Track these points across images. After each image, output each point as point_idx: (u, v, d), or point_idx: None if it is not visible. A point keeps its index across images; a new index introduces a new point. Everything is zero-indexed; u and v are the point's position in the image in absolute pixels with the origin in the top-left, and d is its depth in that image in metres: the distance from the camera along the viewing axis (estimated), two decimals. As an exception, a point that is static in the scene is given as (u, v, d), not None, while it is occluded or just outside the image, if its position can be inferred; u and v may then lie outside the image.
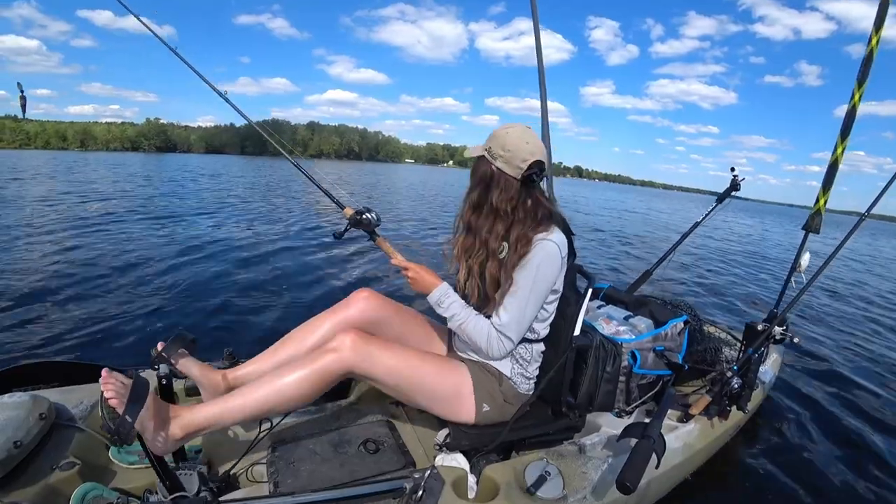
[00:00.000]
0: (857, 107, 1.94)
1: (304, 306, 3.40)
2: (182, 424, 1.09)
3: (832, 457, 2.09)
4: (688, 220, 3.48)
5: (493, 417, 1.32)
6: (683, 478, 1.64)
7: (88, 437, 1.23)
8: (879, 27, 1.87)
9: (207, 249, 4.80)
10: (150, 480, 1.18)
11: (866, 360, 3.52)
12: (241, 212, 7.96)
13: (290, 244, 5.46)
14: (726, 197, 2.42)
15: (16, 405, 1.13)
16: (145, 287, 3.50)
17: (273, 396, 1.16)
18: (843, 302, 5.57)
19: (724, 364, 1.86)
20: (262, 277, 4.00)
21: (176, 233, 5.57)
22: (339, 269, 4.54)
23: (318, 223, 7.26)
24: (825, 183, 1.97)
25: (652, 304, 1.81)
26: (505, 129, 1.24)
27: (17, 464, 1.03)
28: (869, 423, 2.46)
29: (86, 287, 3.37)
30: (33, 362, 1.46)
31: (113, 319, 2.85)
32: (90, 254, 4.31)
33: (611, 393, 1.56)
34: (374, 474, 1.27)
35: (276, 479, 1.23)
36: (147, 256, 4.35)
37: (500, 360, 1.31)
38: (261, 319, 3.08)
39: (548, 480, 1.16)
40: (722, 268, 6.88)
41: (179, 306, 3.17)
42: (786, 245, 12.03)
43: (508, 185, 1.23)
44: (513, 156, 1.21)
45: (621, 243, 8.55)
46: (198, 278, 3.82)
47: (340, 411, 1.59)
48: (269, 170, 24.86)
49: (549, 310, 1.33)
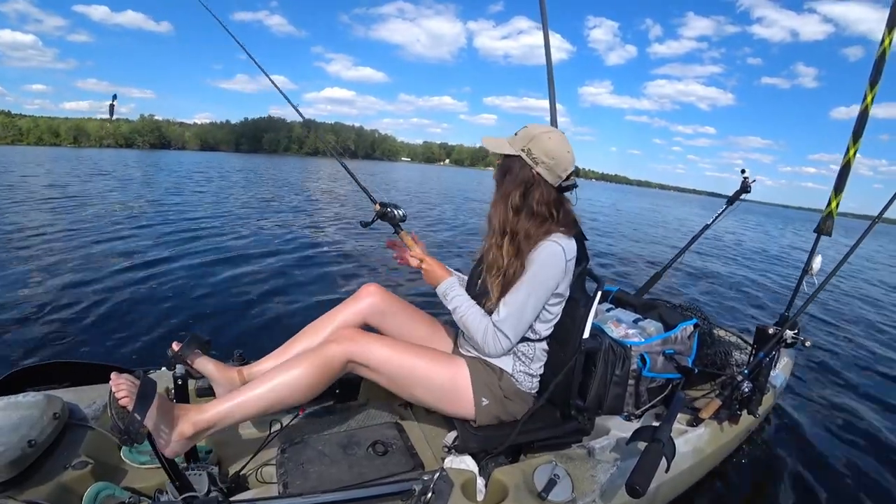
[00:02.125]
0: (869, 108, 1.92)
1: (316, 302, 3.45)
2: (192, 422, 1.10)
3: (844, 462, 2.06)
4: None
5: (494, 413, 1.32)
6: (693, 482, 1.63)
7: (101, 436, 1.24)
8: (893, 27, 1.85)
9: (217, 250, 4.84)
10: (162, 480, 1.19)
11: (879, 364, 3.48)
12: (250, 210, 8.02)
13: (301, 243, 5.50)
14: (736, 199, 2.40)
15: (30, 405, 1.15)
16: (157, 288, 3.53)
17: (281, 389, 1.17)
18: (856, 305, 5.51)
19: (735, 368, 1.85)
20: (273, 275, 4.03)
21: (179, 235, 5.61)
22: (350, 266, 4.60)
23: (327, 223, 7.31)
24: (837, 185, 1.94)
25: (661, 307, 1.80)
26: (546, 134, 1.23)
27: (31, 462, 1.05)
28: (882, 429, 2.43)
29: (99, 287, 3.41)
30: (46, 362, 1.48)
31: (125, 320, 2.88)
32: (103, 254, 4.36)
33: (620, 396, 1.55)
34: (382, 476, 1.28)
35: (285, 479, 1.24)
36: (156, 257, 4.38)
37: (498, 357, 1.32)
38: (272, 318, 3.10)
39: (557, 483, 1.16)
40: (730, 271, 6.82)
41: (190, 307, 3.19)
42: (787, 244, 11.95)
43: (548, 192, 1.24)
44: (556, 164, 1.22)
45: (630, 244, 8.51)
46: (207, 279, 3.84)
47: (349, 413, 1.60)
48: (269, 167, 24.82)
49: (553, 311, 1.33)
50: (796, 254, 10.29)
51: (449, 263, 1.43)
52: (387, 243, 1.51)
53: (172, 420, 1.08)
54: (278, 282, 3.94)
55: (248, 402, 1.15)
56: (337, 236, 6.22)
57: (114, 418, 0.95)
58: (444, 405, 1.33)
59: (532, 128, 1.26)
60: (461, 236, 7.34)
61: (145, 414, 0.95)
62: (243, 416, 1.17)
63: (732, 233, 13.33)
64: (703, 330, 1.80)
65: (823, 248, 1.93)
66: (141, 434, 0.94)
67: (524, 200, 1.25)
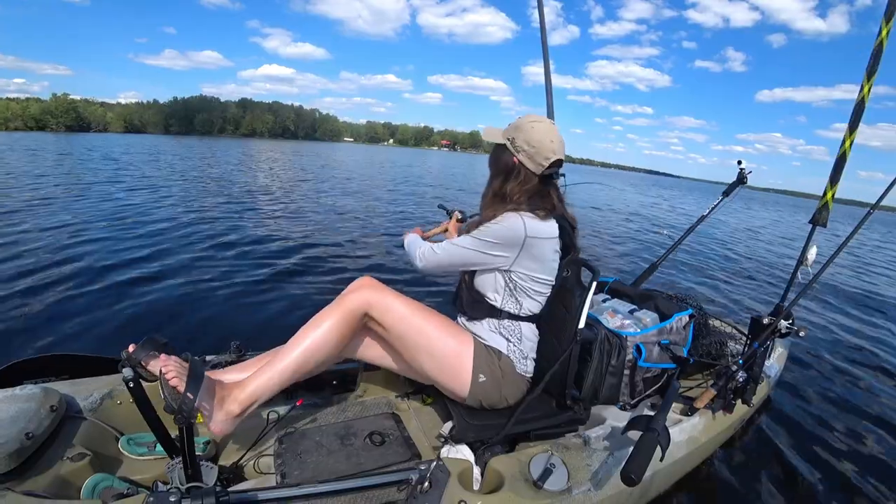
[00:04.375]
0: (866, 99, 1.91)
1: (309, 295, 3.43)
2: (238, 400, 1.13)
3: (836, 451, 2.09)
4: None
5: (489, 392, 1.34)
6: (688, 470, 1.65)
7: (99, 428, 1.25)
8: (891, 17, 1.84)
9: (211, 238, 4.82)
10: (160, 471, 1.20)
11: (874, 354, 3.50)
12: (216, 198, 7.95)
13: (284, 234, 5.48)
14: (732, 190, 2.40)
15: (27, 397, 1.15)
16: (157, 280, 3.51)
17: (311, 347, 1.21)
18: (851, 296, 5.54)
19: (730, 358, 1.86)
20: (266, 267, 4.02)
21: (172, 223, 5.58)
22: (342, 260, 4.56)
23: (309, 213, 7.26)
24: (833, 176, 1.95)
25: (657, 297, 1.81)
26: (530, 123, 1.28)
27: (29, 455, 1.05)
28: (874, 418, 2.46)
29: (98, 279, 3.39)
30: (44, 355, 1.48)
31: (125, 312, 2.87)
32: (102, 245, 4.33)
33: (615, 386, 1.57)
34: (379, 466, 1.29)
35: (283, 470, 1.25)
36: (154, 248, 4.37)
37: (419, 268, 1.42)
38: (266, 312, 3.10)
39: (553, 472, 1.17)
40: (727, 264, 6.84)
41: (189, 300, 3.19)
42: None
43: (528, 179, 1.30)
44: (536, 152, 1.26)
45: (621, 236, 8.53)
46: (207, 271, 3.83)
47: (346, 404, 1.61)
48: (209, 150, 23.40)
49: (533, 289, 1.34)
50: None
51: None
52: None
53: (220, 400, 1.12)
54: (268, 275, 3.93)
55: (284, 367, 1.19)
56: (326, 229, 6.17)
57: (167, 398, 0.96)
58: (442, 377, 1.34)
59: (523, 118, 1.32)
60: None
61: (197, 392, 0.97)
62: (281, 383, 1.20)
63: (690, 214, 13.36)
64: (699, 320, 1.81)
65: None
66: (194, 413, 0.96)
67: (504, 184, 1.31)
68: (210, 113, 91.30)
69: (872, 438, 2.25)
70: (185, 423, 0.93)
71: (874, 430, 2.32)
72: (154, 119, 77.76)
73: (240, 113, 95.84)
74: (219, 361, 1.47)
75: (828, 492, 1.81)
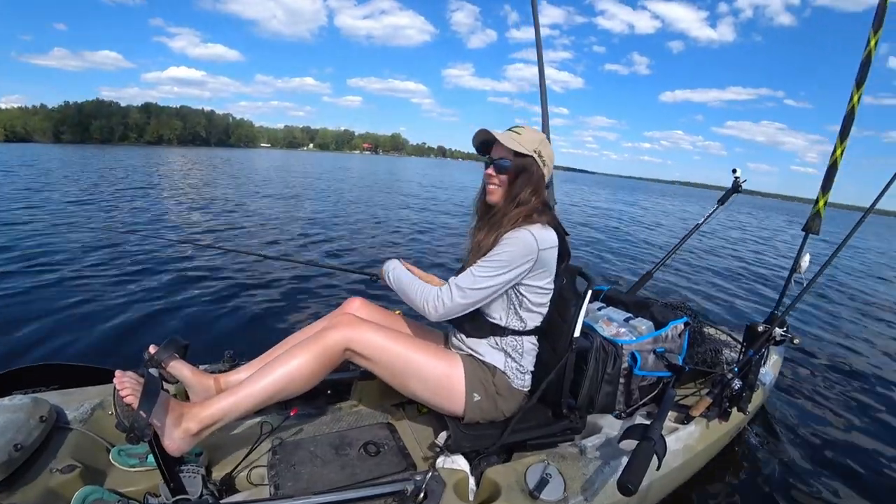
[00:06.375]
0: (856, 108, 1.94)
1: (303, 314, 3.40)
2: (198, 418, 1.10)
3: (832, 458, 2.09)
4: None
5: (485, 409, 1.32)
6: (684, 479, 1.64)
7: (89, 439, 1.23)
8: (878, 29, 1.87)
9: (203, 251, 4.79)
10: (151, 483, 1.18)
11: (867, 360, 3.52)
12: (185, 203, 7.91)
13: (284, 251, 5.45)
14: (727, 198, 2.42)
15: (16, 408, 1.13)
16: (148, 290, 3.49)
17: (282, 378, 1.18)
18: (844, 302, 5.57)
19: (725, 366, 1.86)
20: (263, 281, 4.00)
21: (162, 234, 5.56)
22: (335, 280, 4.53)
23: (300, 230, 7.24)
24: (824, 184, 1.96)
25: (652, 305, 1.81)
26: (542, 137, 1.35)
27: (17, 466, 1.03)
28: (869, 424, 2.47)
29: (88, 290, 3.37)
30: (33, 365, 1.46)
31: (114, 322, 2.84)
32: (95, 256, 4.30)
33: (611, 394, 1.56)
34: (375, 476, 1.28)
35: (276, 481, 1.23)
36: (147, 259, 4.34)
37: (434, 319, 1.27)
38: (262, 325, 3.08)
39: (549, 482, 1.16)
40: (723, 270, 6.88)
41: (180, 310, 3.17)
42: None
43: (544, 190, 1.36)
44: (549, 167, 1.35)
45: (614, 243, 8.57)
46: (200, 283, 3.81)
47: (341, 414, 1.59)
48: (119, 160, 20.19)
49: (537, 302, 1.32)
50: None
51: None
52: None
53: (177, 417, 1.08)
54: (260, 288, 3.91)
55: (251, 393, 1.16)
56: (320, 247, 6.16)
57: (119, 415, 0.95)
58: (437, 399, 1.33)
59: (534, 131, 1.35)
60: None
61: (150, 411, 0.95)
62: (247, 409, 1.17)
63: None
64: (694, 328, 1.82)
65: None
66: (147, 431, 0.94)
67: (533, 197, 1.31)
68: (109, 119, 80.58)
69: (867, 445, 2.25)
70: (136, 441, 0.92)
71: (869, 437, 2.33)
72: (41, 126, 67.42)
73: (144, 119, 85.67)
74: (213, 370, 1.46)
75: (823, 499, 1.81)
